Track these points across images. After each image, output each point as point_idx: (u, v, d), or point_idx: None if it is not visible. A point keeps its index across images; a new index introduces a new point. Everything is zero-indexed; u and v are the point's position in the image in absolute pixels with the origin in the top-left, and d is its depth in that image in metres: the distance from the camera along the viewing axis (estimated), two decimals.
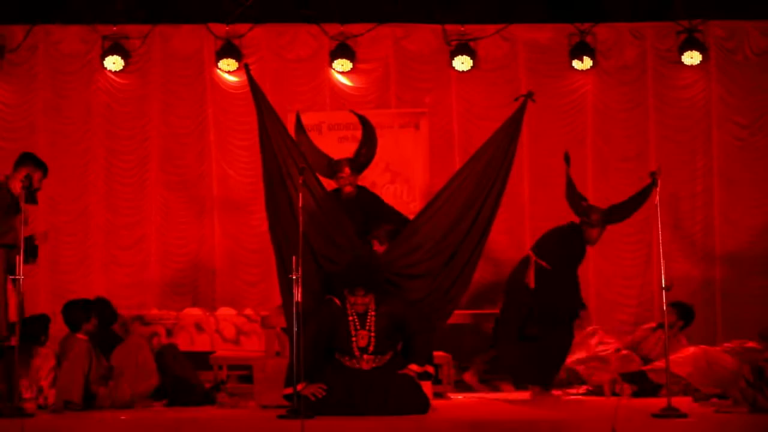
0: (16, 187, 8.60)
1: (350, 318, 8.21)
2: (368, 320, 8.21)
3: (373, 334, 8.19)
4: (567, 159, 9.73)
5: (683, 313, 10.01)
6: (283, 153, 8.58)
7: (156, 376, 8.93)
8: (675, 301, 10.15)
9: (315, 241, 8.46)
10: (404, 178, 11.91)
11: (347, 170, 9.53)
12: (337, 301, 8.25)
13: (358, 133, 11.61)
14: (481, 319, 10.33)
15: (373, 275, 8.20)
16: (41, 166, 8.83)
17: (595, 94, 12.24)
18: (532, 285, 9.50)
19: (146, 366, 8.94)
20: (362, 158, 9.69)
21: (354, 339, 8.17)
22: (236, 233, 12.11)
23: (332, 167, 9.61)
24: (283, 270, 8.39)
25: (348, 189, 9.56)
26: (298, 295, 7.74)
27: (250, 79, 8.83)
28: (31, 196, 8.74)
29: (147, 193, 12.15)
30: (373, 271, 8.23)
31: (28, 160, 8.82)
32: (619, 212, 9.85)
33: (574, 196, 9.78)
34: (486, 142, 8.92)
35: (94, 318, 9.00)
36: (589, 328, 10.38)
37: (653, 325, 10.10)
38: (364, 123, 9.81)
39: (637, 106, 12.22)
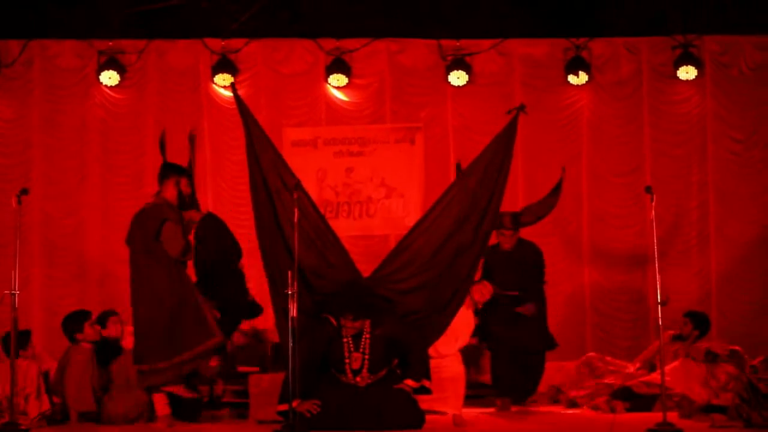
0: (173, 196, 8.65)
1: (344, 340, 8.16)
2: (363, 343, 8.17)
3: (367, 356, 8.14)
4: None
5: (698, 322, 10.03)
6: (270, 169, 8.56)
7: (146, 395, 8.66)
8: (690, 311, 10.17)
9: (304, 257, 8.35)
10: (399, 192, 11.92)
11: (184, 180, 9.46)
12: (333, 321, 8.21)
13: (354, 148, 11.64)
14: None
15: (361, 302, 8.16)
16: (183, 171, 8.85)
17: (591, 109, 12.25)
18: None
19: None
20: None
21: (347, 361, 8.14)
22: None
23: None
24: (274, 285, 8.38)
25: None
26: (293, 310, 7.71)
27: (237, 98, 8.84)
28: (183, 203, 8.73)
29: None
30: (361, 298, 8.19)
31: (170, 170, 8.81)
32: (532, 213, 9.84)
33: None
34: (478, 156, 8.88)
35: (95, 327, 9.03)
36: (584, 357, 10.39)
37: (671, 333, 10.05)
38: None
39: (633, 121, 12.22)
